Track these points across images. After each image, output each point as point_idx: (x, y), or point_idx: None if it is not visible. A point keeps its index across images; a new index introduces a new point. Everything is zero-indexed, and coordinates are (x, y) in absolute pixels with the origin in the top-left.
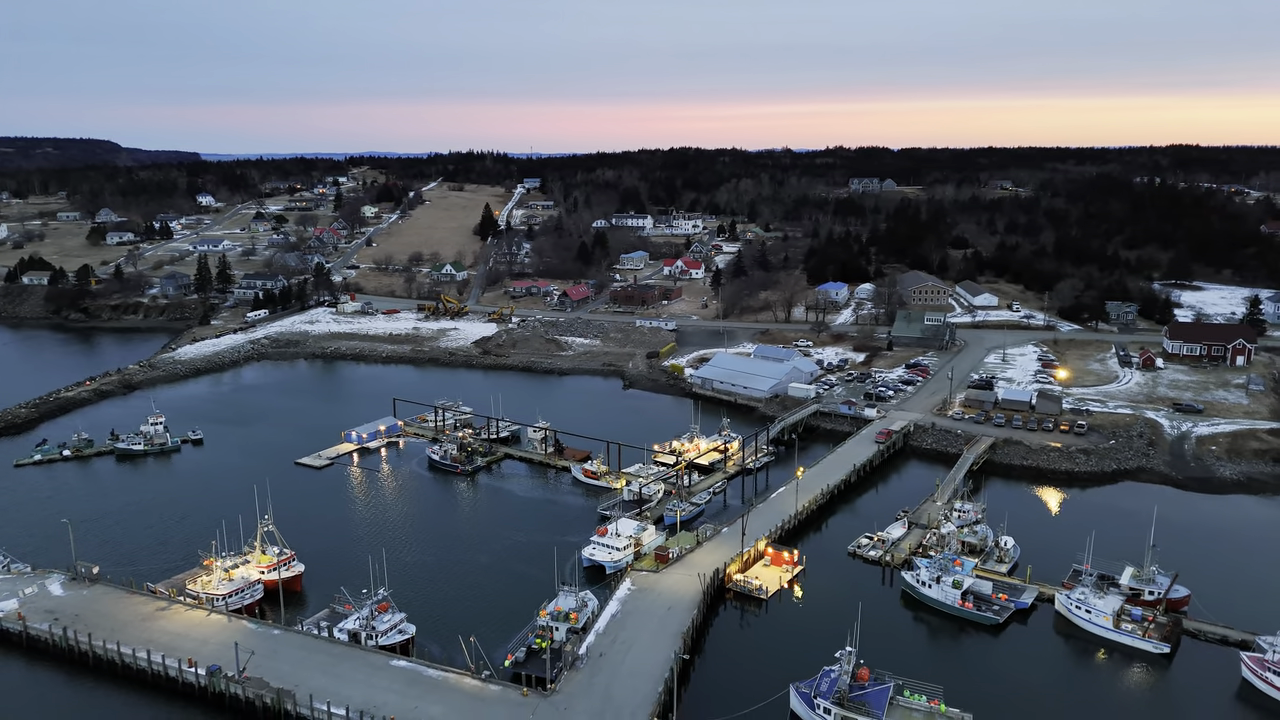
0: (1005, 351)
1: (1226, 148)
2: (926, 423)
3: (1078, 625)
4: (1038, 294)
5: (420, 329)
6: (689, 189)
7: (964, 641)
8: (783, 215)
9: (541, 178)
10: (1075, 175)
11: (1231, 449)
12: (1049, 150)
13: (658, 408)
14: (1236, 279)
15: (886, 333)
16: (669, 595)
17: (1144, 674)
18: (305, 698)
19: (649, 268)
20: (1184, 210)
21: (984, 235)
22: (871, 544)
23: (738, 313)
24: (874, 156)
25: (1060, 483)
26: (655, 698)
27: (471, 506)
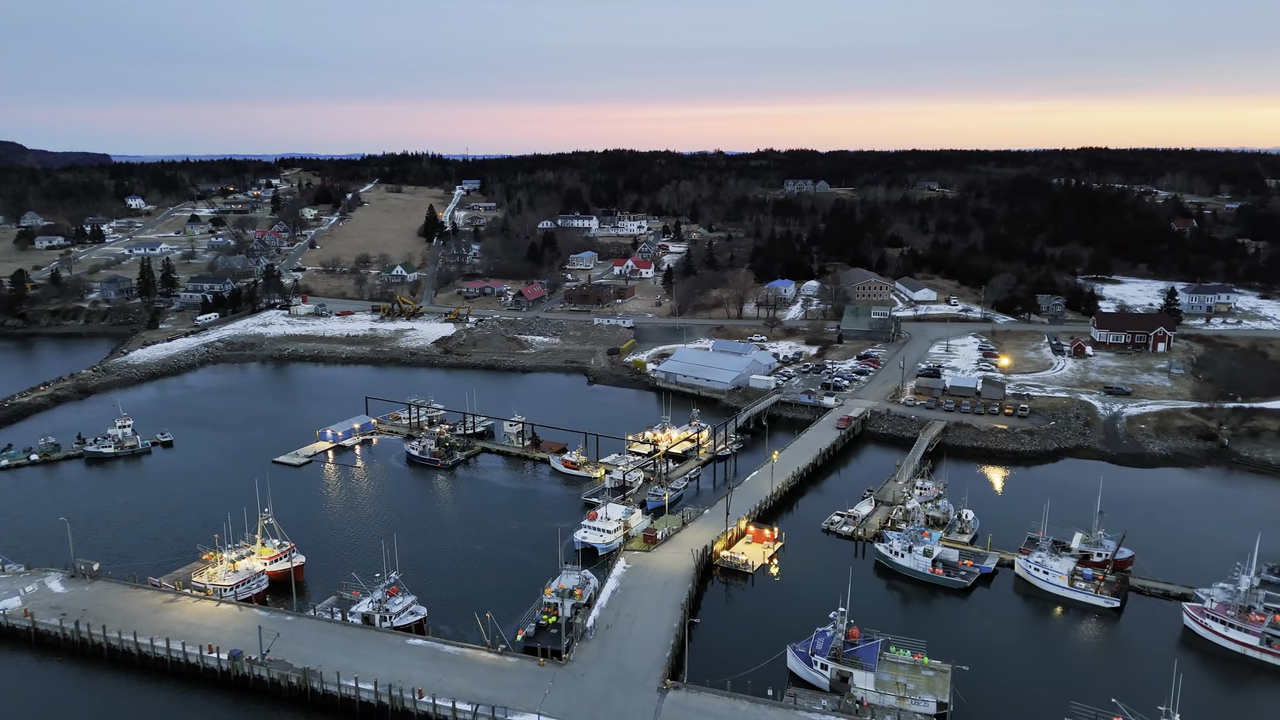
0: (948, 343)
1: (1134, 150)
2: (882, 409)
3: (1036, 585)
4: (973, 288)
5: (377, 330)
6: (630, 190)
7: (936, 603)
8: (724, 216)
9: (481, 179)
10: (997, 177)
11: (1159, 427)
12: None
13: (623, 402)
14: (1151, 273)
15: (836, 327)
16: (663, 571)
17: (1097, 626)
18: (332, 675)
19: (599, 267)
20: (1100, 209)
21: (917, 234)
22: (843, 520)
23: (691, 310)
24: (804, 159)
25: (1008, 461)
26: (664, 662)
27: (457, 498)
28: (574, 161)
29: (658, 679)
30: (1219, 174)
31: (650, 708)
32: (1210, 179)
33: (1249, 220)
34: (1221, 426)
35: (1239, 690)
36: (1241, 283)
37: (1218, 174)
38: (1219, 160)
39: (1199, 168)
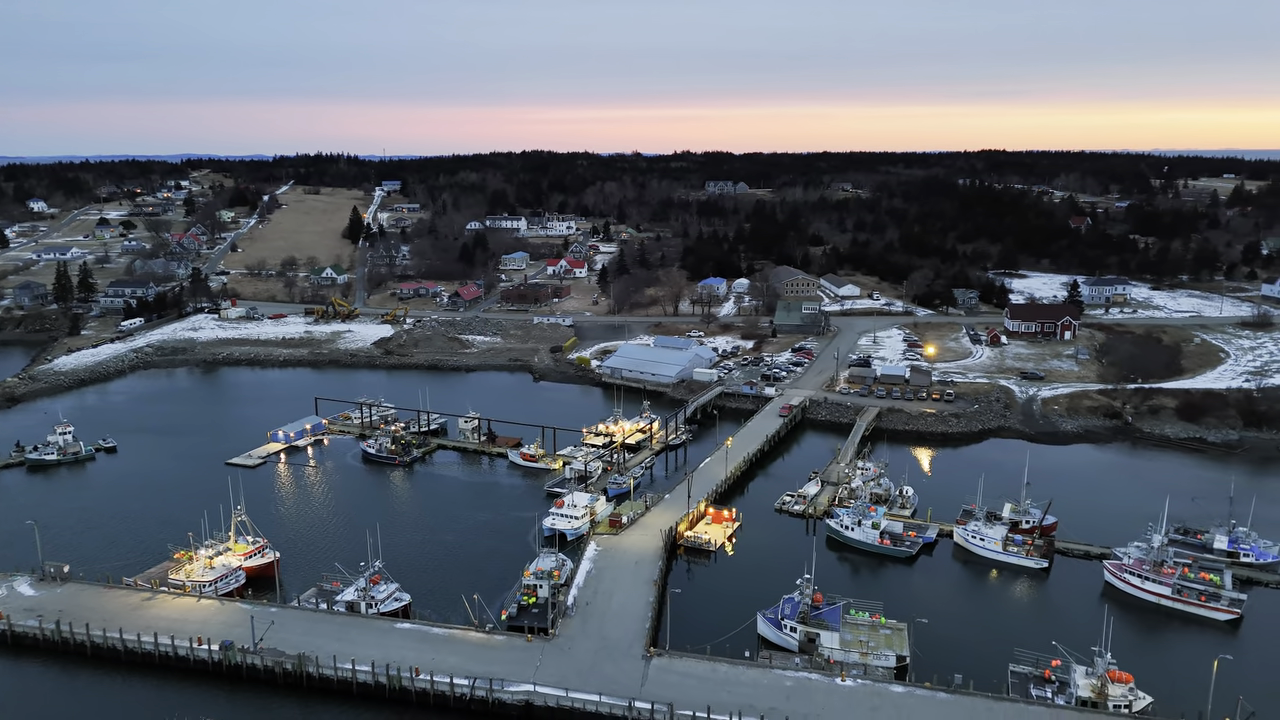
0: (875, 335)
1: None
2: (819, 398)
3: (973, 551)
4: (893, 284)
5: (313, 332)
6: (556, 191)
7: (886, 571)
8: (650, 216)
9: (401, 180)
10: (906, 178)
11: (1070, 407)
12: (879, 155)
13: (570, 397)
14: (1054, 267)
15: (769, 322)
16: (633, 552)
17: (1029, 585)
18: (328, 659)
19: (531, 268)
20: (1004, 208)
21: (836, 233)
22: (794, 500)
23: (628, 308)
24: (722, 161)
25: (938, 443)
26: (644, 632)
27: (420, 493)
28: (495, 162)
29: (641, 648)
30: (1108, 175)
31: (637, 674)
32: (1101, 179)
33: (1138, 218)
34: (1125, 406)
35: (1155, 633)
36: (1134, 275)
37: (1107, 175)
38: (1108, 162)
39: (1090, 169)
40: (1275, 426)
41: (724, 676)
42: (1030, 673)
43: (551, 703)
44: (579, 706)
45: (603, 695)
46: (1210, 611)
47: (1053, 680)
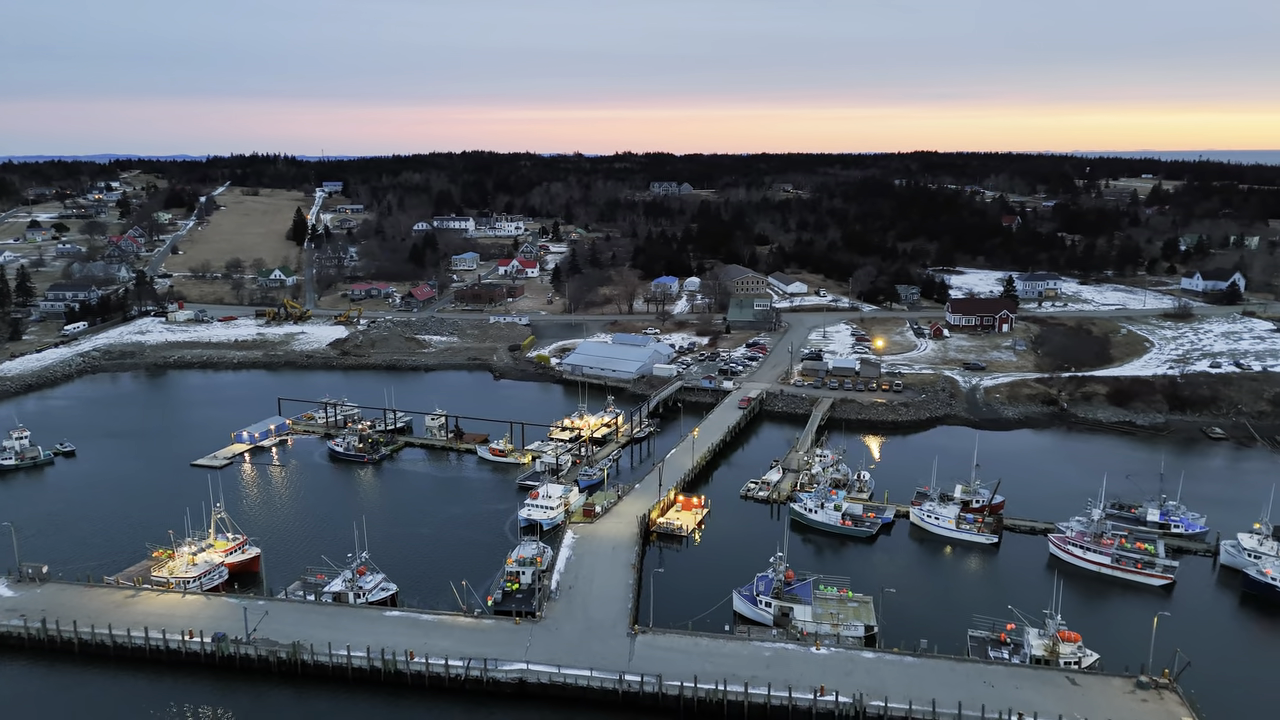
0: (824, 330)
1: (961, 153)
2: (775, 390)
3: (928, 530)
4: (838, 281)
5: (265, 334)
6: (502, 192)
7: (848, 549)
8: (597, 217)
9: (343, 181)
10: (844, 178)
11: (1010, 396)
12: (817, 156)
13: (531, 394)
14: (989, 264)
15: (723, 318)
16: (610, 538)
17: (981, 559)
18: (323, 646)
19: (482, 268)
20: (940, 208)
21: (780, 232)
22: (758, 487)
23: (583, 307)
24: (664, 162)
25: (889, 431)
26: (628, 612)
27: (392, 490)
28: (437, 163)
29: (625, 626)
30: (1035, 175)
31: (624, 650)
32: (1028, 180)
33: (1064, 216)
34: (1060, 393)
35: (1098, 598)
36: (1063, 271)
37: (1034, 175)
38: (1034, 163)
39: (1018, 170)
40: (1197, 410)
41: (706, 650)
42: (987, 636)
43: (544, 679)
44: (571, 681)
45: (593, 670)
46: (1146, 578)
47: (1008, 642)
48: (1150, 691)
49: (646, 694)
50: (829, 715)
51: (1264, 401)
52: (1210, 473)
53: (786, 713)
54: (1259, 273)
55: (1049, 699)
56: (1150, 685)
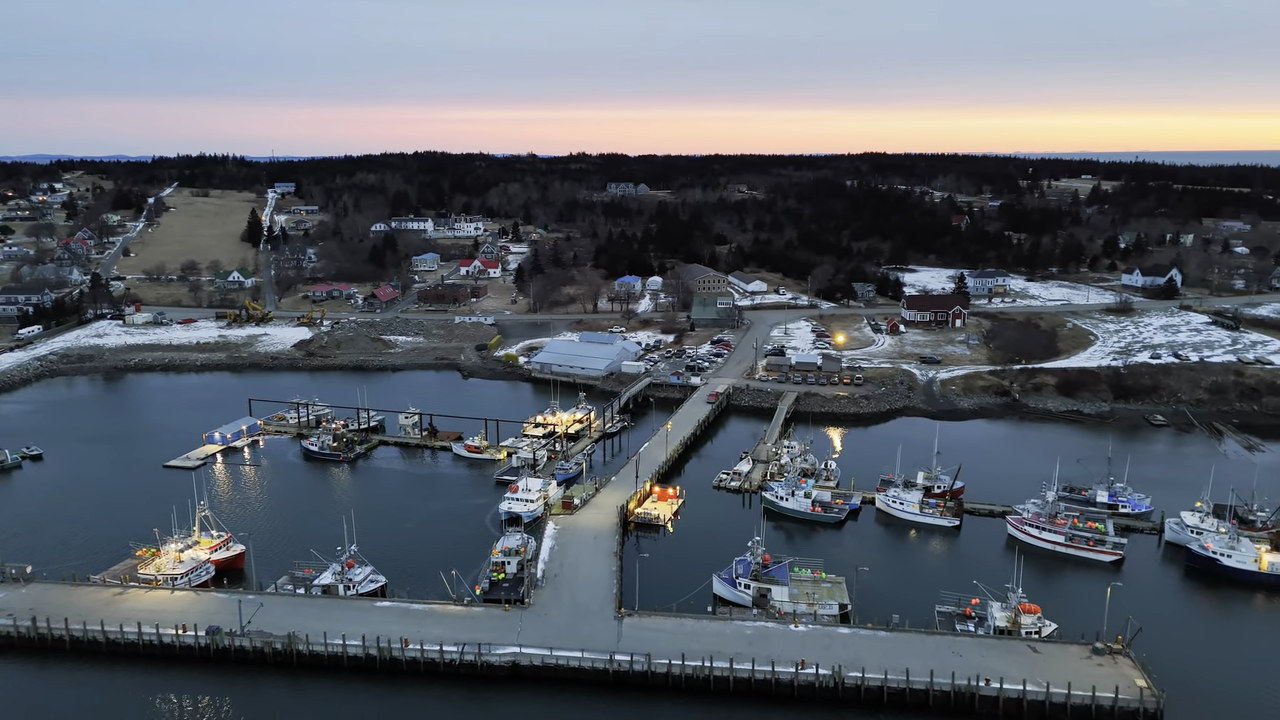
0: (786, 327)
1: (909, 154)
2: (741, 385)
3: (893, 514)
4: (796, 279)
5: (228, 336)
6: (459, 193)
7: (819, 534)
8: (556, 217)
9: (295, 182)
10: (797, 179)
11: (965, 387)
12: (770, 157)
13: (501, 393)
14: (940, 262)
15: (686, 317)
16: (590, 528)
17: (944, 540)
18: (319, 636)
19: (443, 268)
20: (891, 208)
21: (737, 232)
22: (730, 477)
23: (548, 306)
24: (619, 163)
25: (852, 422)
26: (613, 597)
27: (370, 487)
28: (390, 163)
29: (612, 610)
30: (981, 176)
31: (612, 632)
32: (974, 180)
33: (1010, 216)
34: (1012, 384)
35: (1054, 574)
36: (1011, 268)
37: (980, 176)
38: (979, 164)
39: (964, 171)
40: (1140, 399)
41: (690, 630)
42: (954, 611)
43: (537, 661)
44: (563, 663)
45: (584, 651)
46: (1097, 554)
47: (973, 615)
48: (1105, 657)
49: (636, 672)
50: (810, 687)
51: (1201, 390)
52: (1153, 457)
53: (770, 686)
54: (1194, 269)
55: (1013, 666)
56: (1105, 651)
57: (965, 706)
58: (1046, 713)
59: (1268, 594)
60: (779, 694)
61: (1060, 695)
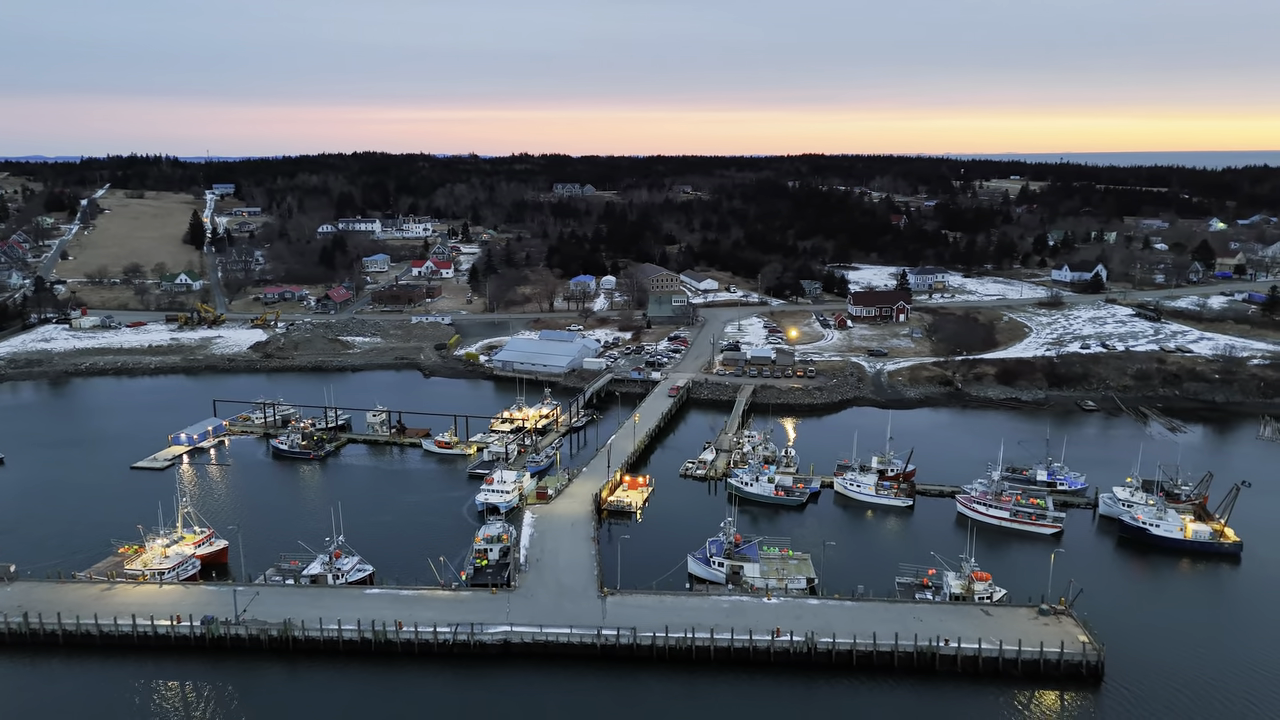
0: (739, 323)
1: (847, 156)
2: (700, 379)
3: (851, 496)
4: (745, 278)
5: (180, 339)
6: (404, 194)
7: (783, 516)
8: (504, 218)
9: (234, 183)
10: (740, 180)
11: (911, 378)
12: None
13: (463, 391)
14: (881, 260)
15: (642, 314)
16: (567, 516)
17: (898, 519)
18: (314, 621)
19: (395, 269)
20: (833, 208)
21: (685, 232)
22: (696, 466)
23: (504, 306)
24: (562, 163)
25: (806, 413)
26: (594, 579)
27: (343, 483)
28: (332, 164)
29: (595, 590)
30: (916, 177)
31: (597, 610)
32: (910, 181)
33: (945, 215)
34: (955, 375)
35: (1001, 546)
36: (948, 265)
37: (915, 177)
38: (913, 165)
39: (900, 172)
40: (1072, 386)
41: (670, 605)
42: (912, 581)
43: (528, 638)
44: (554, 639)
45: (572, 628)
46: (1039, 528)
47: (930, 584)
48: (1050, 617)
49: (622, 645)
50: (785, 653)
51: (1127, 377)
52: (1086, 439)
53: (748, 653)
54: (1118, 264)
55: (968, 628)
56: (1050, 612)
57: (927, 665)
58: (1000, 668)
59: (1191, 559)
60: (756, 660)
61: (1012, 652)
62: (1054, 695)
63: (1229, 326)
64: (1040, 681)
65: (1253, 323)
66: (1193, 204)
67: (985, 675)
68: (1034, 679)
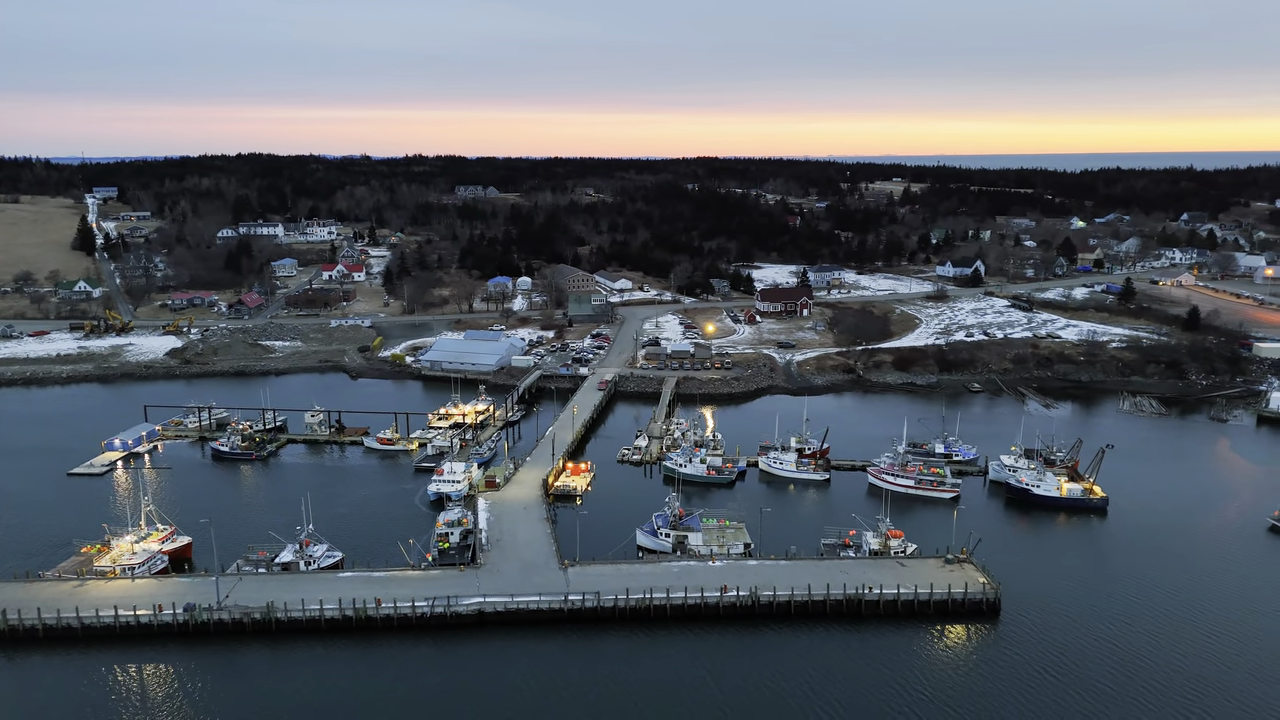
0: (656, 320)
1: (740, 159)
2: (626, 373)
3: (775, 473)
4: (656, 277)
5: (90, 348)
6: (302, 196)
7: (715, 493)
8: (409, 220)
9: (118, 186)
10: (640, 183)
11: (818, 367)
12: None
13: (392, 390)
14: (780, 259)
15: (564, 313)
16: (520, 501)
17: (817, 492)
18: (297, 602)
19: (303, 273)
20: (732, 210)
21: (592, 234)
22: (631, 452)
23: (422, 308)
24: (460, 165)
25: (726, 401)
26: (554, 553)
27: (290, 481)
28: (220, 166)
29: (556, 563)
30: (806, 179)
31: (560, 580)
32: (801, 183)
33: (837, 216)
34: (856, 363)
35: (909, 509)
36: (842, 263)
37: (805, 179)
38: (803, 168)
39: (791, 174)
40: (960, 370)
41: (627, 572)
42: (836, 542)
43: (500, 607)
44: (524, 606)
45: (541, 595)
46: (939, 493)
47: (851, 544)
48: (955, 565)
49: (587, 608)
50: (733, 607)
51: (1007, 361)
52: (974, 415)
53: (700, 609)
54: (994, 260)
55: (886, 577)
56: (954, 560)
57: (854, 610)
58: (915, 609)
59: (1067, 513)
60: (708, 615)
61: (924, 595)
62: (961, 628)
63: (1091, 315)
64: (949, 618)
65: (1111, 311)
66: (1056, 204)
67: (903, 616)
68: (943, 616)
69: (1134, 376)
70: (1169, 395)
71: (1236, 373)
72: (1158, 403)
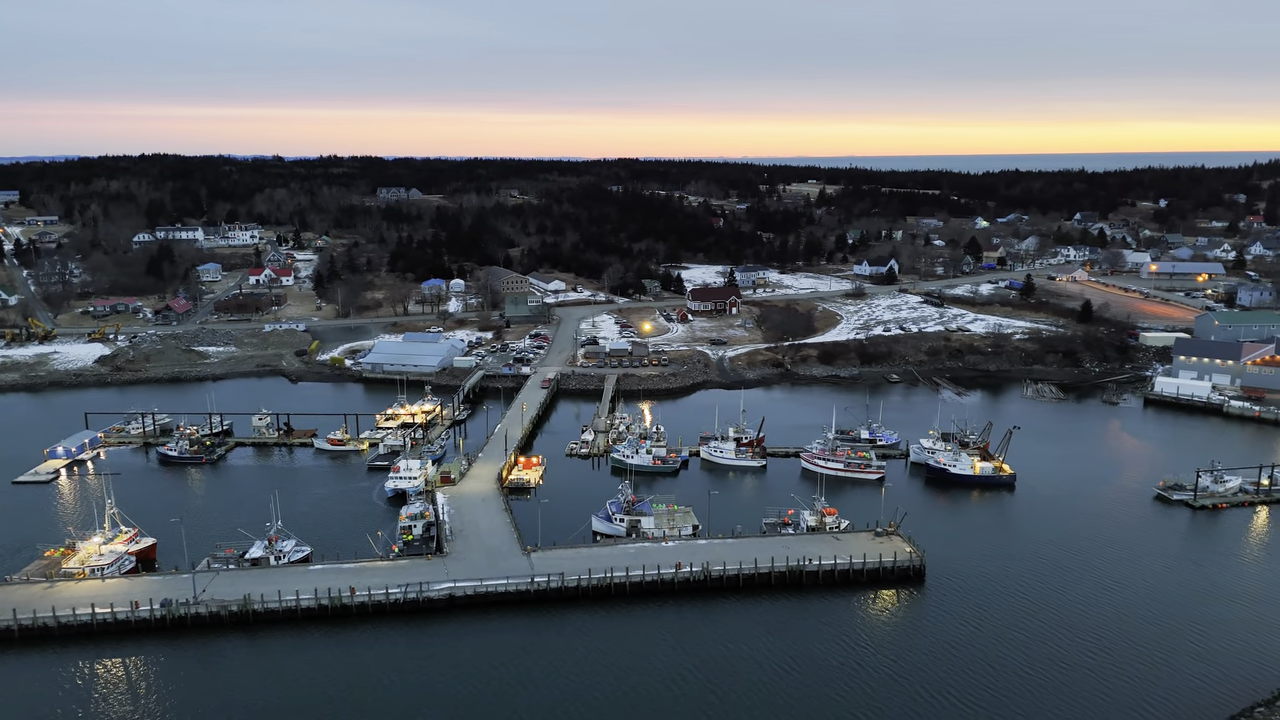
0: (593, 320)
1: (661, 160)
2: (567, 371)
3: (715, 461)
4: (588, 278)
5: (12, 357)
6: (219, 199)
7: (660, 481)
8: (332, 223)
9: (19, 190)
10: (564, 184)
11: (749, 362)
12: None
13: (332, 393)
14: (707, 259)
15: (500, 315)
16: (477, 494)
17: (755, 478)
18: (273, 594)
19: (229, 278)
20: (657, 211)
21: (521, 236)
22: (579, 446)
23: (356, 311)
24: (378, 166)
25: (665, 396)
26: (516, 540)
27: (243, 484)
28: (126, 168)
29: (519, 549)
30: (726, 181)
31: (525, 564)
32: (722, 185)
33: (758, 218)
34: (784, 358)
35: (840, 490)
36: (765, 263)
37: (726, 181)
38: (723, 170)
39: (712, 176)
40: (879, 363)
41: (587, 555)
42: (776, 520)
43: (470, 591)
44: (493, 589)
45: (509, 579)
46: (867, 474)
47: (790, 522)
48: (884, 537)
49: (553, 589)
50: (687, 581)
51: (922, 354)
52: (895, 404)
53: (657, 585)
54: (906, 258)
55: (824, 550)
56: (884, 533)
57: (796, 581)
58: (850, 578)
59: (980, 489)
60: (664, 590)
61: (859, 564)
62: (891, 593)
63: (996, 309)
64: (880, 584)
65: (1014, 305)
66: (961, 205)
67: (840, 584)
68: (875, 583)
69: (1036, 365)
70: (1067, 382)
71: (1125, 360)
72: (1057, 389)
